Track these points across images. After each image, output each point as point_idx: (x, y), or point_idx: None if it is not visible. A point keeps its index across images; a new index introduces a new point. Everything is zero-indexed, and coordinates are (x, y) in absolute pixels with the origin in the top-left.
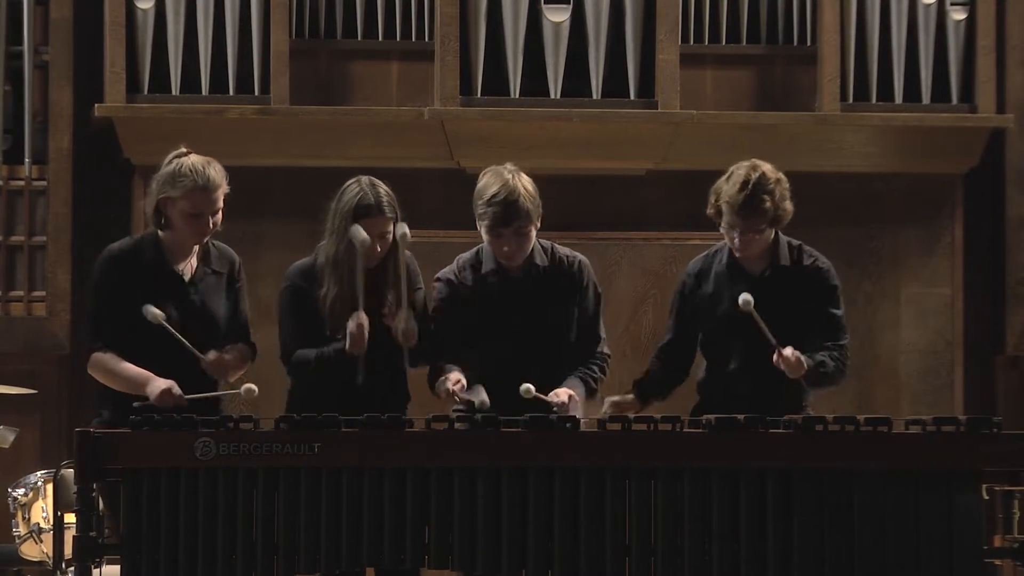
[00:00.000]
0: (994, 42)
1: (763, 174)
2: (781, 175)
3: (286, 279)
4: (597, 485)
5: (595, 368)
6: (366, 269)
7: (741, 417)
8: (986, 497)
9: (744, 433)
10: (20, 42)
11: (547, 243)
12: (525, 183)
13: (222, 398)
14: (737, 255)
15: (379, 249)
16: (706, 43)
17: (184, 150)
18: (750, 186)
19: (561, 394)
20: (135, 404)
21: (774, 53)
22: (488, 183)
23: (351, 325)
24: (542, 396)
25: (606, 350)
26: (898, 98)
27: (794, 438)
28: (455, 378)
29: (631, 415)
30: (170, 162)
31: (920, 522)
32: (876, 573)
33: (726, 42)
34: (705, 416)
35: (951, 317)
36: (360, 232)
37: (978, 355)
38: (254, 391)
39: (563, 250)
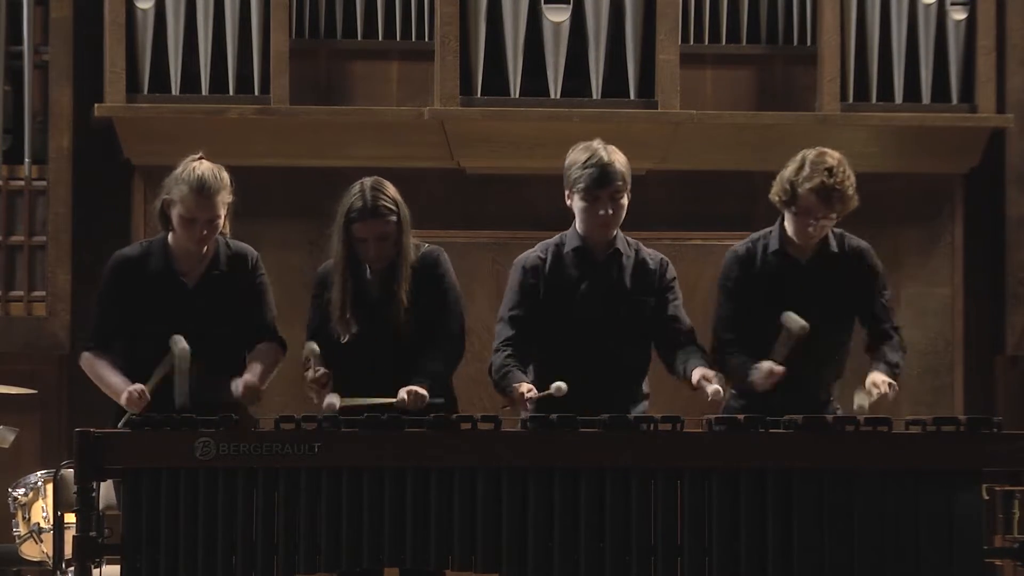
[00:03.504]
0: (994, 42)
1: (840, 160)
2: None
3: (313, 287)
4: (597, 485)
5: (702, 348)
6: (378, 272)
7: (741, 417)
8: (986, 497)
9: (744, 433)
10: (20, 42)
11: (634, 240)
12: (618, 153)
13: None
14: (801, 241)
15: (372, 252)
16: (706, 43)
17: (199, 156)
18: (835, 172)
19: (712, 378)
20: (119, 426)
21: (774, 53)
22: (580, 153)
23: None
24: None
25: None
26: (898, 98)
27: (794, 438)
28: (527, 387)
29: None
30: (182, 165)
31: (920, 522)
32: (876, 573)
33: (726, 42)
34: (705, 416)
35: (951, 317)
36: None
37: (978, 355)
38: (186, 350)
39: (647, 250)
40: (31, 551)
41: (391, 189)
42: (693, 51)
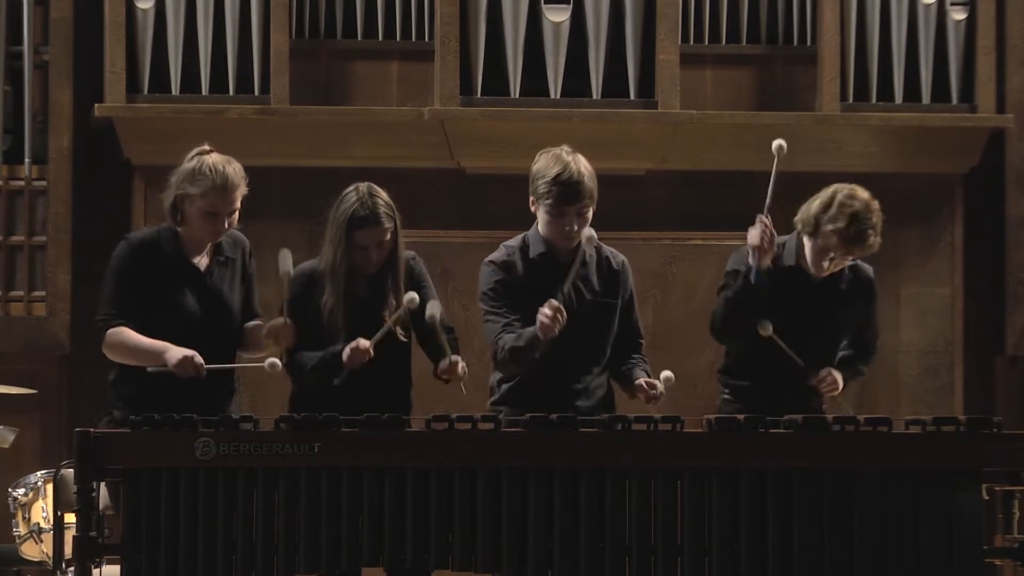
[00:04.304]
0: (994, 42)
1: (867, 204)
2: (876, 203)
3: (291, 289)
4: (597, 485)
5: (644, 362)
6: (367, 275)
7: (741, 417)
8: (986, 497)
9: (744, 433)
10: (20, 42)
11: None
12: (585, 164)
13: (238, 370)
14: (815, 270)
15: (373, 258)
16: (706, 43)
17: (207, 148)
18: (862, 219)
19: (655, 384)
20: (149, 370)
21: (774, 53)
22: (548, 163)
23: (349, 349)
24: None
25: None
26: (898, 98)
27: (794, 438)
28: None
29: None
30: (192, 158)
31: (920, 522)
32: (876, 573)
33: (726, 42)
34: (705, 416)
35: (951, 317)
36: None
37: (978, 355)
38: (278, 365)
39: (607, 248)
40: (31, 551)
41: (385, 194)
42: (693, 51)
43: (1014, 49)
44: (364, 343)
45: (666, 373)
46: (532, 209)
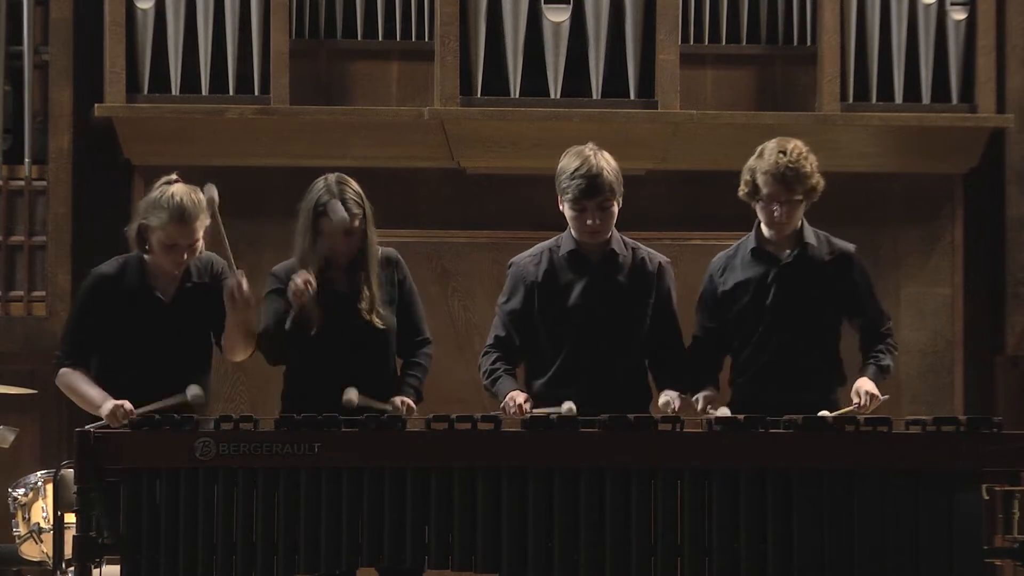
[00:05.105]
0: (994, 42)
1: (796, 144)
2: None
3: (268, 283)
4: (597, 485)
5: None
6: (341, 269)
7: (741, 417)
8: (986, 497)
9: (744, 433)
10: (20, 42)
11: (632, 240)
12: (608, 159)
13: (167, 407)
14: (772, 230)
15: (340, 247)
16: (706, 43)
17: (174, 177)
18: (789, 153)
19: (674, 398)
20: (87, 427)
21: (774, 53)
22: (571, 160)
23: (293, 282)
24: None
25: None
26: (898, 98)
27: (794, 438)
28: (523, 398)
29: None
30: (157, 187)
31: (920, 522)
32: (876, 573)
33: (726, 42)
34: (705, 416)
35: (951, 317)
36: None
37: (978, 355)
38: (200, 396)
39: (646, 250)
40: (31, 551)
41: (355, 184)
42: (693, 51)
43: (1014, 49)
44: (303, 275)
45: (663, 400)
46: (560, 208)
